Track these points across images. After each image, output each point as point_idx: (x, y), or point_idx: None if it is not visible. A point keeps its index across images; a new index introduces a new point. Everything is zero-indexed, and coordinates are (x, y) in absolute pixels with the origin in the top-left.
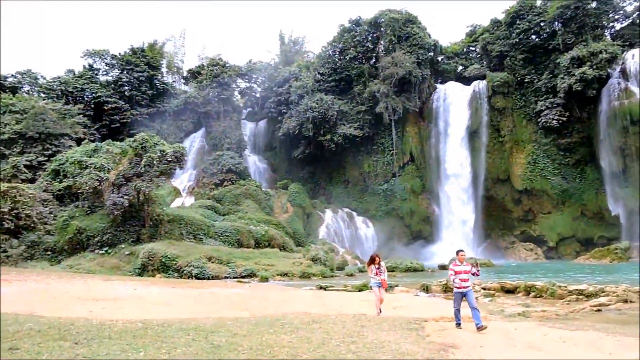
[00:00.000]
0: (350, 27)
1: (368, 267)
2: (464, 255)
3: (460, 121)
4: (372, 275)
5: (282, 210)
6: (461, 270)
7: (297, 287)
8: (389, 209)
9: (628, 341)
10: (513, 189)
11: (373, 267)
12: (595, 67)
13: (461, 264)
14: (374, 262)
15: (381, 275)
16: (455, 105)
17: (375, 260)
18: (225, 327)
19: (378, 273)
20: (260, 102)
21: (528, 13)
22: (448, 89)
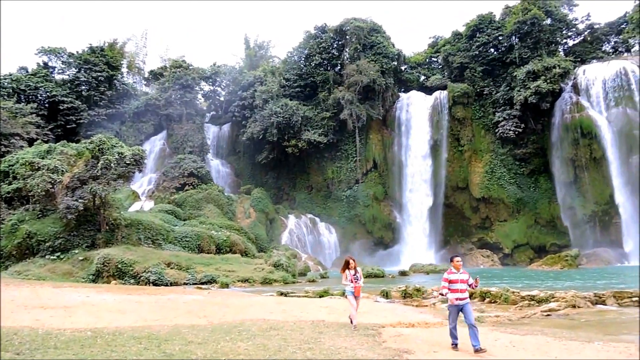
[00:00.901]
0: (316, 34)
1: (342, 272)
2: (460, 262)
3: (421, 130)
4: (346, 282)
5: (245, 216)
6: (457, 279)
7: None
8: (352, 215)
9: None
10: (471, 196)
11: (348, 272)
12: (549, 81)
13: (457, 272)
14: (349, 266)
15: (357, 282)
16: (417, 114)
17: (350, 265)
18: (180, 335)
19: (354, 280)
20: (224, 105)
21: (487, 27)
22: (411, 98)
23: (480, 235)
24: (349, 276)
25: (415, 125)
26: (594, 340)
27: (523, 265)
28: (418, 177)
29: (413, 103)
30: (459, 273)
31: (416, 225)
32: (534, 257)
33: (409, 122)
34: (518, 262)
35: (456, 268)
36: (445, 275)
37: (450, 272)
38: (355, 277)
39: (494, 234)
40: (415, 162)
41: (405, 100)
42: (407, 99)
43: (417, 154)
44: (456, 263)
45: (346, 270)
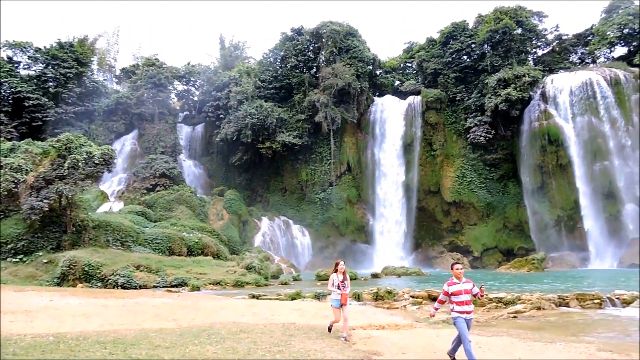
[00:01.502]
0: (292, 36)
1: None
2: (461, 269)
3: (395, 134)
4: (332, 288)
5: (218, 217)
6: (460, 289)
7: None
8: (326, 217)
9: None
10: (443, 200)
11: (335, 277)
12: (519, 89)
13: (459, 282)
14: (337, 270)
15: (345, 289)
16: (391, 119)
17: (338, 268)
18: (147, 339)
19: (342, 286)
20: (198, 105)
21: (461, 34)
22: (385, 102)
23: (451, 239)
24: (336, 281)
25: (389, 129)
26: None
27: (492, 268)
28: (391, 180)
29: (387, 107)
30: (461, 283)
31: (389, 228)
32: (503, 260)
33: (383, 126)
34: (487, 265)
35: (457, 277)
36: (445, 288)
37: (451, 283)
38: (342, 283)
39: (464, 237)
40: (388, 166)
41: (380, 104)
42: (381, 103)
43: (391, 157)
44: (456, 271)
45: (333, 273)
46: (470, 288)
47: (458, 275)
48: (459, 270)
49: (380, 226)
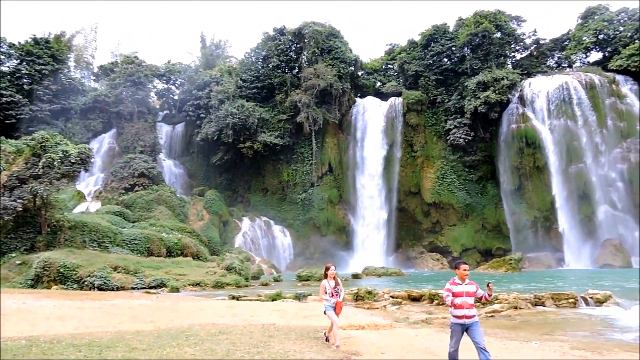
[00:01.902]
0: (274, 36)
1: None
2: (467, 270)
3: (376, 135)
4: (325, 296)
5: (198, 218)
6: (462, 291)
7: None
8: (307, 218)
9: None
10: (423, 201)
11: (327, 283)
12: (498, 92)
13: (462, 283)
14: (328, 275)
15: (338, 296)
16: (372, 120)
17: (329, 274)
18: (124, 342)
19: (334, 294)
20: (178, 104)
21: (441, 37)
22: (367, 103)
23: (430, 239)
24: (329, 288)
25: (370, 130)
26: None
27: (471, 268)
28: (372, 181)
29: (369, 108)
30: (464, 284)
31: (370, 228)
32: (481, 260)
33: (364, 127)
34: None
35: (461, 278)
36: (448, 286)
37: (453, 283)
38: (335, 289)
39: (444, 237)
40: (369, 167)
41: (362, 105)
42: (363, 104)
43: (372, 158)
44: (463, 272)
45: (324, 280)
46: (474, 291)
47: (463, 276)
48: (466, 271)
49: (361, 227)
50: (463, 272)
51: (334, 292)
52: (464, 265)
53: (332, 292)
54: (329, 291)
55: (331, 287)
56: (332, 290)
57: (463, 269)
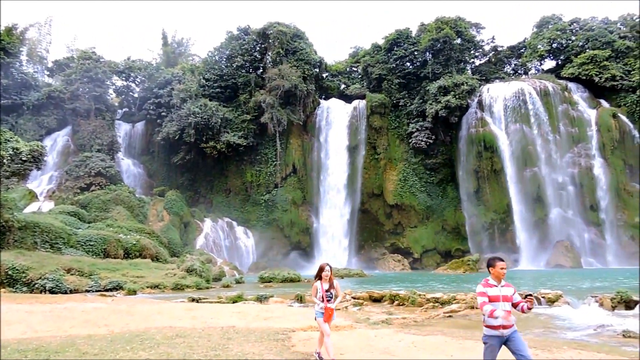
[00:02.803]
0: (238, 35)
1: (313, 284)
2: (505, 268)
3: (340, 137)
4: (316, 300)
5: (158, 219)
6: (498, 295)
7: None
8: (270, 219)
9: (468, 344)
10: (385, 203)
11: (319, 285)
12: (458, 96)
13: (498, 285)
14: (322, 276)
15: (330, 301)
16: (336, 122)
17: (323, 275)
18: (74, 346)
19: (326, 298)
20: (138, 102)
21: (404, 42)
22: (331, 105)
23: (392, 241)
24: (320, 291)
25: (334, 132)
26: None
27: (431, 269)
28: (336, 183)
29: (333, 110)
30: (499, 286)
31: (333, 230)
32: (441, 261)
33: (328, 129)
34: (426, 266)
35: (497, 278)
36: (481, 289)
37: (487, 284)
38: (328, 294)
39: (405, 239)
40: (333, 168)
41: (326, 107)
42: (327, 106)
43: (336, 160)
44: (499, 271)
45: (317, 281)
46: (511, 294)
47: (499, 276)
48: (503, 270)
49: (325, 228)
50: (500, 271)
51: (325, 297)
52: (500, 263)
53: (324, 295)
54: (320, 295)
55: (323, 291)
56: (324, 294)
57: (500, 267)
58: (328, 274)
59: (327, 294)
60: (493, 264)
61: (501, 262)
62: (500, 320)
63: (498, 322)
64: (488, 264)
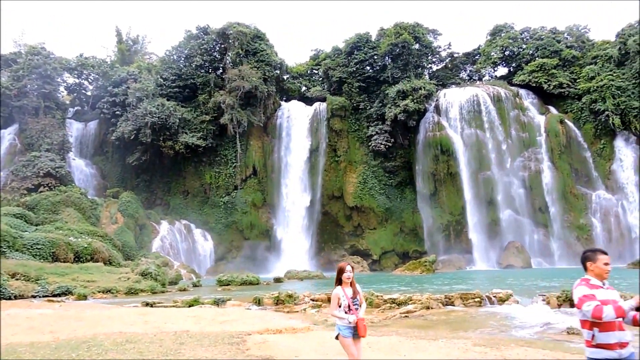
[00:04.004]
0: (197, 35)
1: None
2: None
3: (301, 139)
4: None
5: (111, 221)
6: (607, 299)
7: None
8: (230, 221)
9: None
10: (345, 205)
11: (341, 292)
12: (416, 101)
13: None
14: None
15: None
16: (297, 124)
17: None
18: (15, 354)
19: (352, 307)
20: (91, 101)
21: (364, 46)
22: (292, 107)
23: (352, 242)
24: (344, 299)
25: (295, 134)
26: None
27: (389, 270)
28: (296, 185)
29: (294, 112)
30: (605, 288)
31: (293, 232)
32: (399, 262)
33: (289, 131)
34: (385, 267)
35: (600, 277)
36: (587, 290)
37: (592, 285)
38: (354, 301)
39: (365, 241)
40: (294, 170)
41: (287, 109)
42: (288, 108)
43: (296, 162)
44: (602, 267)
45: (337, 287)
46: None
47: (603, 274)
48: (607, 266)
49: (285, 230)
50: (603, 267)
51: (351, 305)
52: (603, 257)
53: (350, 304)
54: (345, 303)
55: (348, 298)
56: (350, 302)
57: (603, 262)
58: (350, 275)
59: (353, 302)
60: (593, 257)
61: (604, 255)
62: (619, 335)
63: (615, 337)
64: (585, 257)
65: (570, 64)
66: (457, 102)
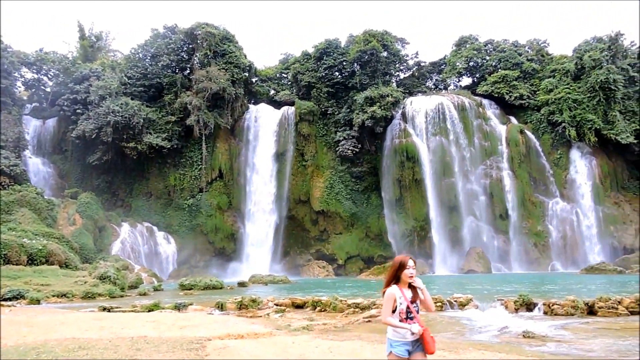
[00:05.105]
0: (164, 34)
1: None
2: None
3: (268, 142)
4: (393, 320)
5: (69, 223)
6: None
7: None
8: (194, 224)
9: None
10: (312, 210)
11: (397, 292)
12: (383, 107)
13: None
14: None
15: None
16: (265, 127)
17: (404, 276)
18: None
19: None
20: (50, 97)
21: (333, 52)
22: (260, 110)
23: (318, 247)
24: (403, 301)
25: (262, 138)
26: None
27: (354, 275)
28: (263, 188)
29: (262, 116)
30: None
31: (259, 236)
32: (364, 267)
33: (256, 134)
34: (350, 272)
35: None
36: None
37: None
38: (414, 304)
39: (330, 245)
40: (260, 174)
41: (255, 112)
42: (256, 110)
43: (263, 166)
44: None
45: (393, 286)
46: None
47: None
48: None
49: (250, 234)
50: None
51: (413, 310)
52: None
53: (410, 308)
54: (402, 308)
55: (407, 300)
56: (410, 306)
57: None
58: (414, 273)
59: (414, 304)
60: None
61: None
62: None
63: None
64: None
65: (530, 76)
66: (423, 110)
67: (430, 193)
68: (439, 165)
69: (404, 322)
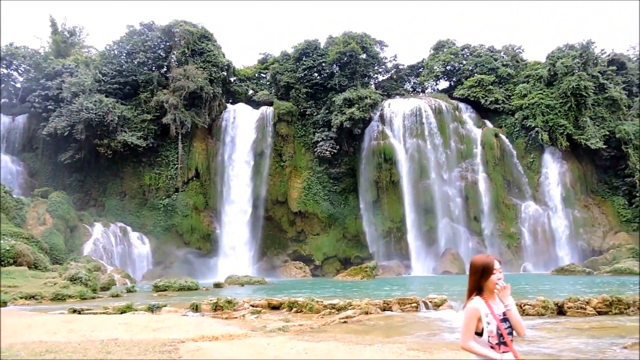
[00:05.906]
0: (141, 30)
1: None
2: None
3: (246, 143)
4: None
5: (39, 222)
6: None
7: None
8: (169, 225)
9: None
10: (289, 210)
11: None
12: (362, 109)
13: None
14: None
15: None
16: (243, 127)
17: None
18: None
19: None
20: (21, 93)
21: (313, 52)
22: (238, 110)
23: (295, 248)
24: (490, 322)
25: (240, 138)
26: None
27: (331, 276)
28: (240, 189)
29: (240, 115)
30: None
31: (236, 237)
32: (341, 268)
33: (234, 134)
34: (327, 273)
35: None
36: None
37: None
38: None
39: (307, 246)
40: (238, 174)
41: (232, 111)
42: (234, 110)
43: (241, 166)
44: None
45: (475, 298)
46: None
47: None
48: None
49: (227, 235)
50: None
51: (504, 333)
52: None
53: (502, 330)
54: (490, 329)
55: (497, 319)
56: (500, 327)
57: None
58: (501, 277)
59: (505, 325)
60: None
61: None
62: None
63: None
64: None
65: (505, 81)
66: (401, 112)
67: (407, 195)
68: (416, 167)
69: (495, 350)
